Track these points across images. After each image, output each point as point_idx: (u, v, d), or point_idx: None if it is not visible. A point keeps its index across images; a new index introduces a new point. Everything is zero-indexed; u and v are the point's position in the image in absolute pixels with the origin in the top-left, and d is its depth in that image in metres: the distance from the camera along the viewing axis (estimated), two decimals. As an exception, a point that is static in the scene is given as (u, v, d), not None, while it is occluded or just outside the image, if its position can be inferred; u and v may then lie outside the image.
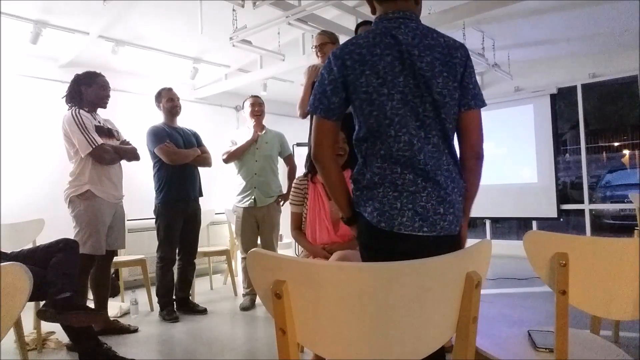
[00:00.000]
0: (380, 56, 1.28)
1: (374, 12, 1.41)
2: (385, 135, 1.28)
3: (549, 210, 5.71)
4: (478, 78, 6.39)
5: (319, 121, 1.34)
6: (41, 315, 2.02)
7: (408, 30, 1.31)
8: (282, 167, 3.83)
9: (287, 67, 4.61)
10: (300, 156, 2.91)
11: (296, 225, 2.50)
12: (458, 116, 1.33)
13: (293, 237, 2.53)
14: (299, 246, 2.53)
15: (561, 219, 5.87)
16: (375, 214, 1.27)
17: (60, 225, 2.86)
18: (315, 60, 3.09)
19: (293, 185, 2.54)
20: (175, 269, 3.51)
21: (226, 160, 3.66)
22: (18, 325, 2.15)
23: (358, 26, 3.09)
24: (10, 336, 2.18)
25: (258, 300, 3.61)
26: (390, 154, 1.27)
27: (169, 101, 3.48)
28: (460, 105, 1.32)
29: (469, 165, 1.35)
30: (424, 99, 1.28)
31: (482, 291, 0.87)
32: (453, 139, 1.35)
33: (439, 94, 1.28)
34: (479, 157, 1.35)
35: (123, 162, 3.02)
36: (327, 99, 1.32)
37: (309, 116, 3.08)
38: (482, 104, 1.34)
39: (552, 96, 5.73)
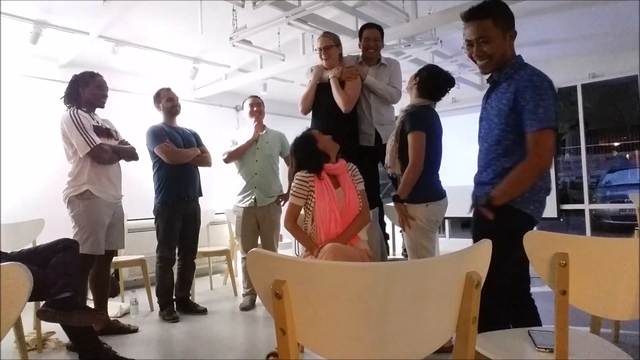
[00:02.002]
0: None
1: (506, 47, 1.74)
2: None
3: (549, 210, 5.66)
4: (478, 78, 6.35)
5: (552, 135, 1.66)
6: (41, 315, 2.02)
7: None
8: (282, 167, 3.83)
9: (287, 67, 4.62)
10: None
11: (294, 218, 2.43)
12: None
13: (289, 229, 2.44)
14: (299, 246, 2.51)
15: (561, 219, 5.86)
16: (536, 212, 1.75)
17: (60, 225, 2.85)
18: (315, 60, 3.09)
19: (297, 178, 2.43)
20: (175, 269, 3.51)
21: (226, 160, 3.66)
22: (18, 325, 2.14)
23: (362, 29, 3.06)
24: (10, 336, 2.17)
25: (258, 300, 3.61)
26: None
27: (168, 101, 3.48)
28: None
29: None
30: None
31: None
32: None
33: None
34: None
35: (122, 162, 3.02)
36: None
37: (310, 114, 3.09)
38: None
39: (552, 96, 5.72)
